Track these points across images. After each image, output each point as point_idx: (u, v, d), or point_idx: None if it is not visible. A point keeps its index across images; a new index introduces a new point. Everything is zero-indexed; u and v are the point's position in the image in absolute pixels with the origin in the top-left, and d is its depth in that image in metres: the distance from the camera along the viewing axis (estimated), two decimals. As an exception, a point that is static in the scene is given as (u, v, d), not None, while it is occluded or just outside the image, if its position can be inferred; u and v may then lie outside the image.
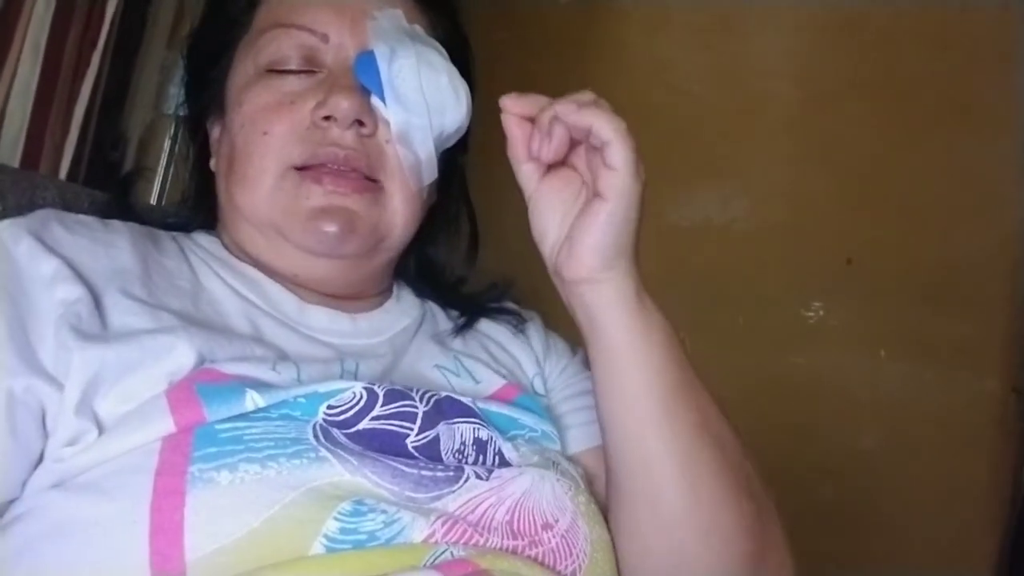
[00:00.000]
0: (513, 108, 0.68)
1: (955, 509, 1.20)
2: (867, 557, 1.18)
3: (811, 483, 1.13)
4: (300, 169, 0.74)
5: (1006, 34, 1.23)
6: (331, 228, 0.73)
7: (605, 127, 0.63)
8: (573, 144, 0.68)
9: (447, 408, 0.68)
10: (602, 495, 0.72)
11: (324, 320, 0.76)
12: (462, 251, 0.92)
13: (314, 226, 0.73)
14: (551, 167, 0.69)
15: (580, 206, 0.67)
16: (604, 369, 0.68)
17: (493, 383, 0.78)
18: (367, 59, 0.75)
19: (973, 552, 1.20)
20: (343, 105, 0.72)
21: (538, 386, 0.83)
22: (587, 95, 0.66)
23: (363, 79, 0.74)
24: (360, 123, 0.74)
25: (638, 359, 0.67)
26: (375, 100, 0.74)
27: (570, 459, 0.75)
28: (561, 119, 0.65)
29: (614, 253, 0.66)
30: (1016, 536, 1.21)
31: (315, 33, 0.77)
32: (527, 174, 0.69)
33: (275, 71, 0.77)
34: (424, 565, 0.55)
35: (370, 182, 0.75)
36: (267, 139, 0.74)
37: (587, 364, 0.77)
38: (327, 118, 0.73)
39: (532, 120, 0.68)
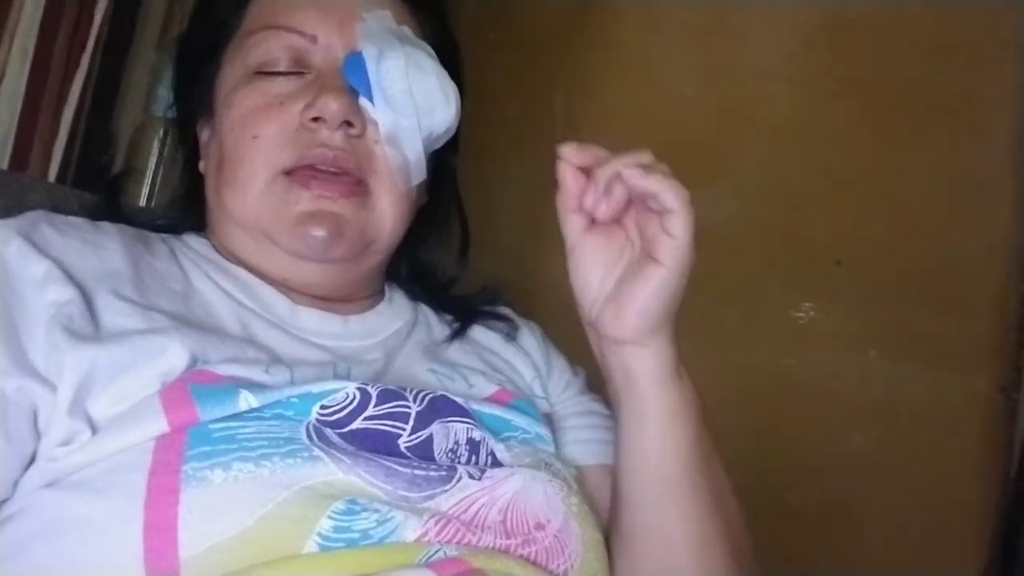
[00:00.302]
0: (574, 159, 0.67)
1: (944, 508, 1.20)
2: (855, 556, 1.18)
3: (800, 482, 1.13)
4: (289, 174, 0.74)
5: (999, 36, 1.23)
6: (319, 233, 0.73)
7: (671, 196, 0.63)
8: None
9: (442, 406, 0.68)
10: (606, 514, 0.75)
11: (315, 322, 0.76)
12: (454, 252, 0.92)
13: (302, 231, 0.73)
14: (595, 220, 0.68)
15: (624, 265, 0.68)
16: (632, 432, 0.70)
17: (487, 389, 0.78)
18: (355, 60, 0.75)
19: (962, 552, 1.20)
20: (332, 106, 0.73)
21: (537, 389, 0.84)
22: (646, 156, 0.65)
23: (351, 80, 0.75)
24: (349, 124, 0.74)
25: (668, 432, 0.69)
26: (364, 101, 0.75)
27: (563, 460, 0.75)
28: (625, 181, 0.65)
29: (661, 318, 0.66)
30: (1005, 536, 1.21)
31: (304, 35, 0.77)
32: (573, 224, 0.68)
33: (264, 73, 0.77)
34: (417, 563, 0.56)
35: (357, 186, 0.75)
36: (257, 142, 0.74)
37: (589, 387, 0.85)
38: (316, 119, 0.73)
39: (586, 172, 0.68)
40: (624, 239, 0.69)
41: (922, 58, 1.23)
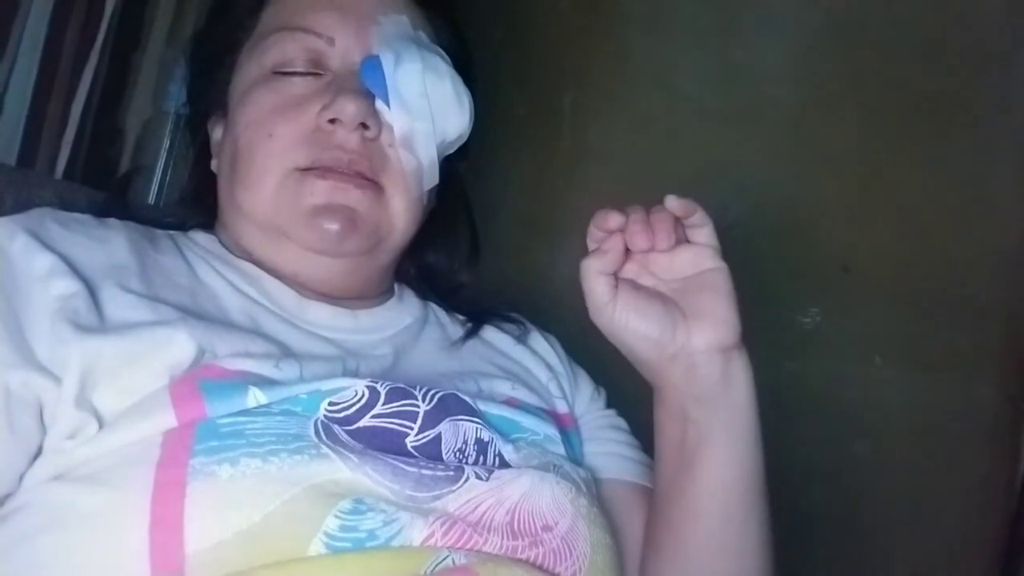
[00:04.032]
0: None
1: (949, 517, 1.19)
2: (857, 564, 1.18)
3: (801, 488, 1.13)
4: (303, 171, 0.74)
5: (1006, 42, 1.23)
6: (333, 225, 0.73)
7: (701, 213, 0.71)
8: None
9: (453, 404, 0.69)
10: (628, 527, 0.76)
11: (324, 315, 0.76)
12: (462, 256, 0.92)
13: (316, 223, 0.73)
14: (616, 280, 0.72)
15: (663, 299, 0.71)
16: (733, 444, 0.71)
17: (498, 393, 0.78)
18: (373, 63, 0.76)
19: (967, 561, 1.20)
20: (349, 108, 0.73)
21: (554, 389, 0.84)
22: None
23: (369, 83, 0.75)
24: (365, 126, 0.74)
25: (758, 440, 0.72)
26: (380, 104, 0.75)
27: (574, 463, 0.76)
28: (668, 207, 0.70)
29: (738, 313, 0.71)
30: (1011, 545, 1.21)
31: (321, 36, 0.78)
32: (604, 284, 0.71)
33: (280, 73, 0.77)
34: (424, 573, 0.56)
35: (373, 182, 0.75)
36: (272, 141, 0.75)
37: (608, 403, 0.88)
38: (332, 121, 0.74)
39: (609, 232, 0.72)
40: (640, 286, 0.72)
41: (931, 63, 1.23)
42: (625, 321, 0.70)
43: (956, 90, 1.24)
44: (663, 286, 0.72)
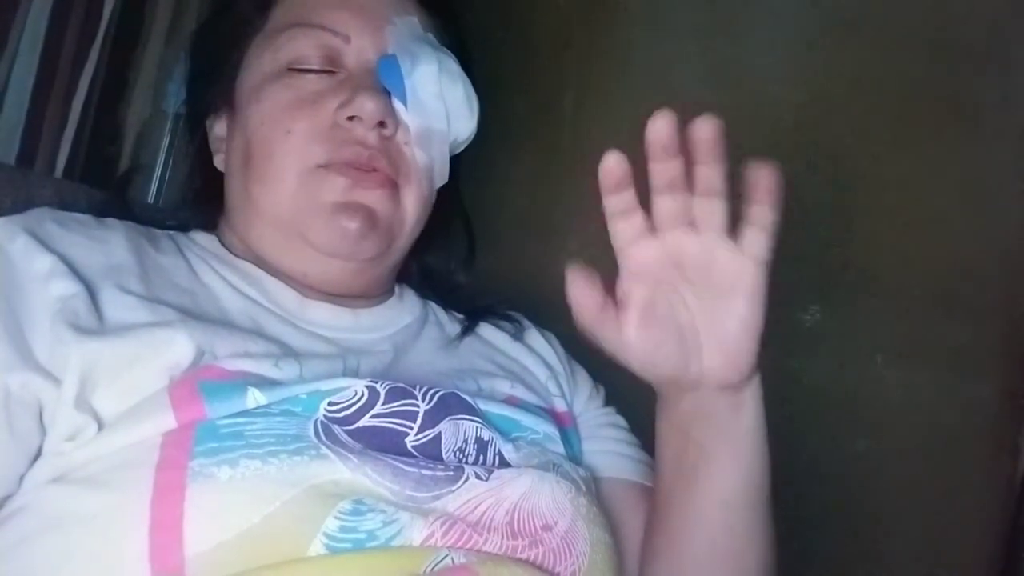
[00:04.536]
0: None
1: (950, 515, 1.19)
2: (857, 561, 1.18)
3: (802, 486, 1.13)
4: (322, 167, 0.75)
5: (1006, 42, 1.22)
6: (352, 224, 0.74)
7: (775, 191, 0.68)
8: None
9: (453, 403, 0.69)
10: (628, 526, 0.76)
11: (325, 315, 0.77)
12: (459, 256, 0.93)
13: (336, 220, 0.74)
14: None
15: (695, 321, 0.65)
16: (737, 465, 0.69)
17: (497, 392, 0.78)
18: (390, 62, 0.77)
19: (967, 558, 1.20)
20: (369, 106, 0.74)
21: (553, 388, 0.84)
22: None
23: (386, 82, 0.76)
24: (382, 124, 0.75)
25: (765, 454, 0.70)
26: (396, 103, 0.76)
27: (573, 461, 0.75)
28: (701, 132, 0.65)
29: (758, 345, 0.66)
30: (1011, 543, 1.21)
31: (337, 34, 0.78)
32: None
33: (295, 70, 0.77)
34: (424, 572, 0.56)
35: (389, 180, 0.76)
36: (290, 137, 0.75)
37: (607, 401, 0.87)
38: (351, 118, 0.74)
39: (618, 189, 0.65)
40: (657, 313, 0.66)
41: (930, 60, 1.22)
42: (640, 354, 0.65)
43: (956, 89, 1.24)
44: (691, 301, 0.66)
